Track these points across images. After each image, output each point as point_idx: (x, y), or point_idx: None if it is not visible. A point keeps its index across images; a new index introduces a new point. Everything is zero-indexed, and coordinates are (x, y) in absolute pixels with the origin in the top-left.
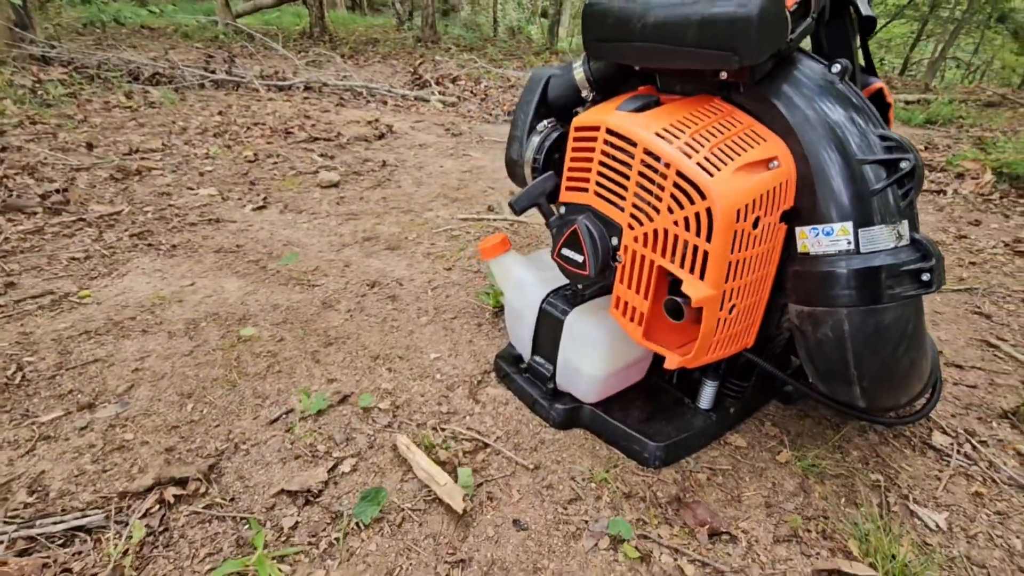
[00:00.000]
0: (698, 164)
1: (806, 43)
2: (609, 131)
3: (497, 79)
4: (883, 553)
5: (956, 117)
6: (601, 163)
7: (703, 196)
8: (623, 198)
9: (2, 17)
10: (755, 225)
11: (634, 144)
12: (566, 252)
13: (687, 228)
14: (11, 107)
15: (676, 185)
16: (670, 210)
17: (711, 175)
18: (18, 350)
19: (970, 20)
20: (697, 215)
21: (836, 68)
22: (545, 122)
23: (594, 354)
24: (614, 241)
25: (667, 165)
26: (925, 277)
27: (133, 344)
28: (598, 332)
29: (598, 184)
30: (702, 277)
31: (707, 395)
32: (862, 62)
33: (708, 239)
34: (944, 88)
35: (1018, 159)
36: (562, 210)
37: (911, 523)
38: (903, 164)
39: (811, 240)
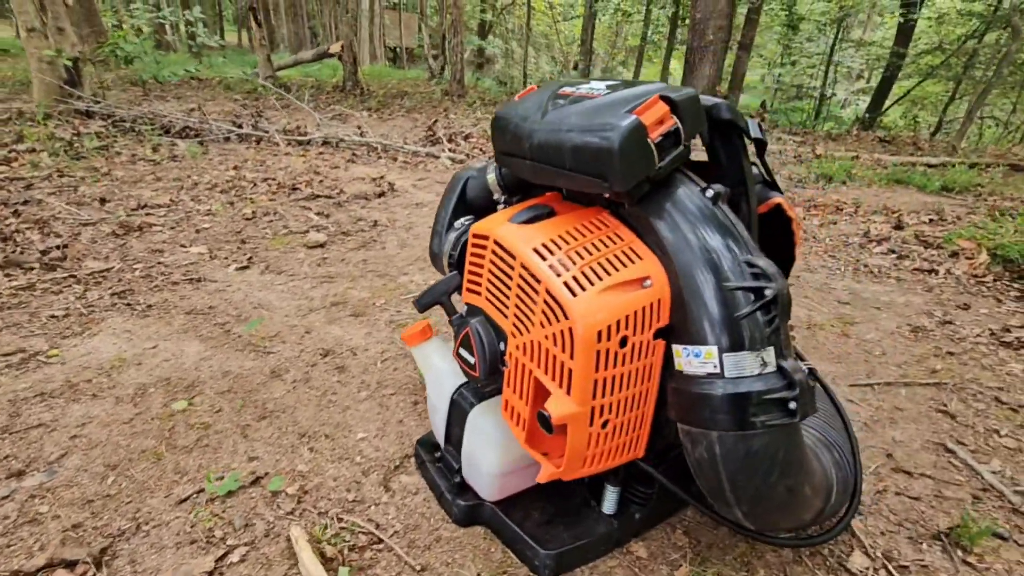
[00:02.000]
0: (564, 283)
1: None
2: (496, 242)
3: None
4: None
5: (974, 184)
6: (490, 271)
7: (565, 315)
8: (507, 307)
9: (54, 76)
10: (623, 344)
11: (514, 257)
12: (462, 352)
13: (555, 343)
14: (46, 159)
15: (546, 301)
16: (542, 324)
17: (574, 295)
18: None
19: (1002, 81)
20: (563, 332)
21: (710, 193)
22: (463, 219)
23: (491, 451)
24: (502, 346)
25: (538, 281)
26: (791, 406)
27: (80, 409)
28: (497, 429)
29: (488, 290)
30: (569, 392)
31: (609, 500)
32: (764, 175)
33: (572, 357)
34: (974, 150)
35: (1013, 241)
36: (464, 310)
37: None
38: (767, 291)
39: (684, 360)
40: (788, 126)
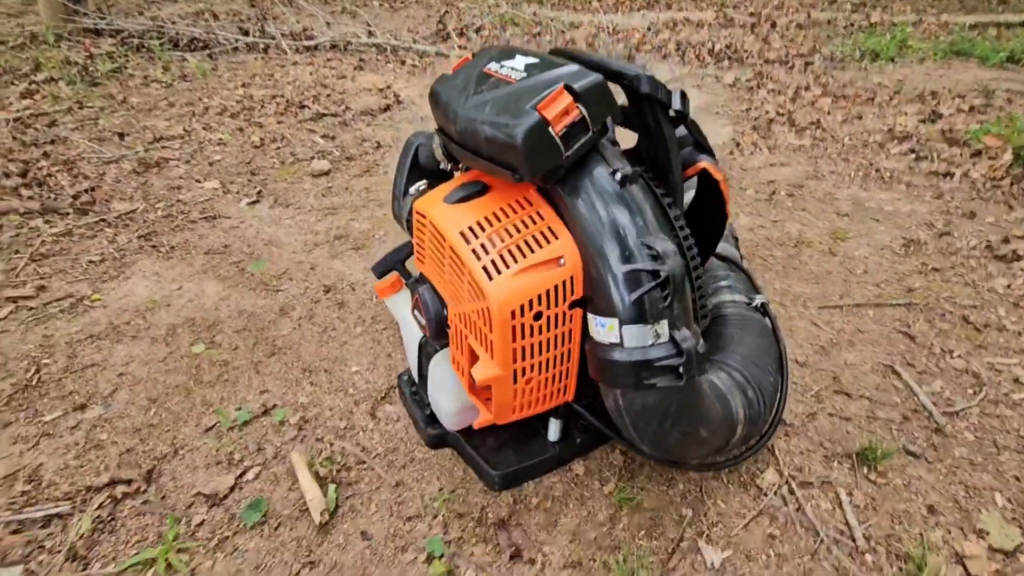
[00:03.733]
0: (483, 267)
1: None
2: (431, 222)
3: (527, 25)
4: None
5: None
6: (430, 247)
7: (484, 296)
8: (444, 280)
9: None
10: (537, 317)
11: (445, 239)
12: (416, 314)
13: (479, 317)
14: (65, 90)
15: (469, 282)
16: (469, 300)
17: (491, 279)
18: (39, 352)
19: None
20: (483, 310)
21: (619, 176)
22: (418, 184)
23: (448, 395)
24: (445, 312)
25: (463, 263)
26: (680, 371)
27: (123, 349)
28: (451, 376)
29: (431, 262)
30: (493, 357)
31: (553, 429)
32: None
33: (491, 330)
34: None
35: None
36: (417, 274)
37: (691, 560)
38: (661, 272)
39: (594, 328)
40: None
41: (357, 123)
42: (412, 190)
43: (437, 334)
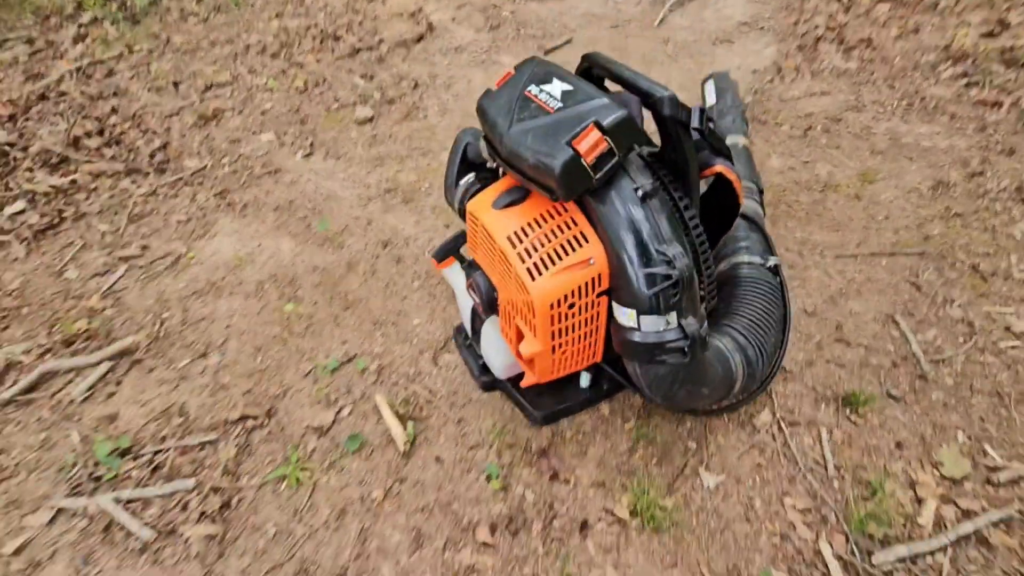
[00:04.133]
0: (527, 269)
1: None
2: (483, 225)
3: None
4: (644, 503)
5: None
6: (482, 243)
7: (528, 292)
8: (494, 271)
9: None
10: (571, 307)
11: (495, 241)
12: (471, 293)
13: (524, 306)
14: (111, 31)
15: (515, 279)
16: (516, 291)
17: (533, 279)
18: (159, 307)
19: None
20: (527, 302)
21: (640, 193)
22: (468, 177)
23: (498, 352)
24: (495, 294)
25: (511, 263)
26: (685, 350)
27: (224, 304)
28: (501, 339)
29: (482, 255)
30: (536, 336)
31: (584, 379)
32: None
33: (534, 317)
34: None
35: None
36: (470, 259)
37: (691, 482)
38: (672, 275)
39: (617, 313)
40: None
41: (393, 58)
42: (462, 182)
43: (488, 311)
